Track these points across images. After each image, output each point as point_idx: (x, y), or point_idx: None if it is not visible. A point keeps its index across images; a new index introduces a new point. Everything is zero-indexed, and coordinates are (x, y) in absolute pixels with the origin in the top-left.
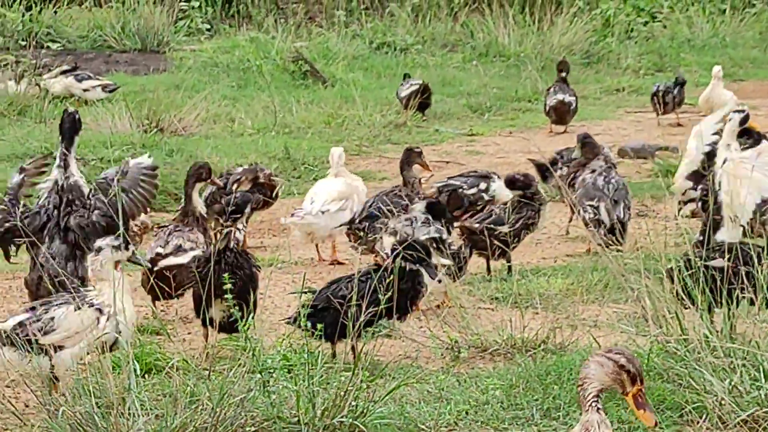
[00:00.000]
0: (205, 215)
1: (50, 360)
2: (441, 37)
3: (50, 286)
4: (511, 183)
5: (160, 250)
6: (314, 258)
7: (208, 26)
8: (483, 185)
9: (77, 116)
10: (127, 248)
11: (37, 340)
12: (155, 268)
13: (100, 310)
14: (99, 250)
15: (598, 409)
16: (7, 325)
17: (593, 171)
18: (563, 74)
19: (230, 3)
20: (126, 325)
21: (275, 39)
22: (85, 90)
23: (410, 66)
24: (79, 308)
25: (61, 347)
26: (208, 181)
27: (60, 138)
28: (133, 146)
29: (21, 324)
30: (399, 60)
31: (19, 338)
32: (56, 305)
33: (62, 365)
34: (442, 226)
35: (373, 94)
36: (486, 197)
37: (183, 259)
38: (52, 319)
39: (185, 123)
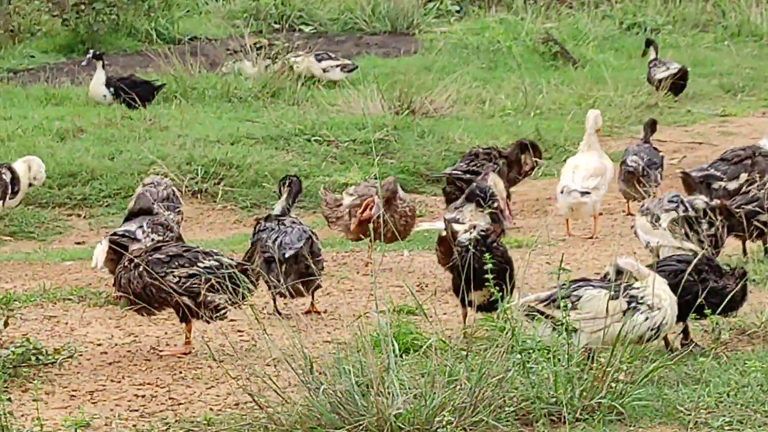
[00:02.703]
0: None
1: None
2: (692, 17)
3: None
4: None
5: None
6: (566, 239)
7: (458, 8)
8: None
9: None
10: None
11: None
12: None
13: (636, 305)
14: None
15: None
16: (531, 298)
17: None
18: None
19: None
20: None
21: (525, 20)
22: (324, 70)
23: (661, 46)
24: (614, 297)
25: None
26: None
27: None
28: (385, 128)
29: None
30: None
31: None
32: (590, 287)
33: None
34: None
35: (623, 74)
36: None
37: None
38: (579, 298)
39: (436, 105)
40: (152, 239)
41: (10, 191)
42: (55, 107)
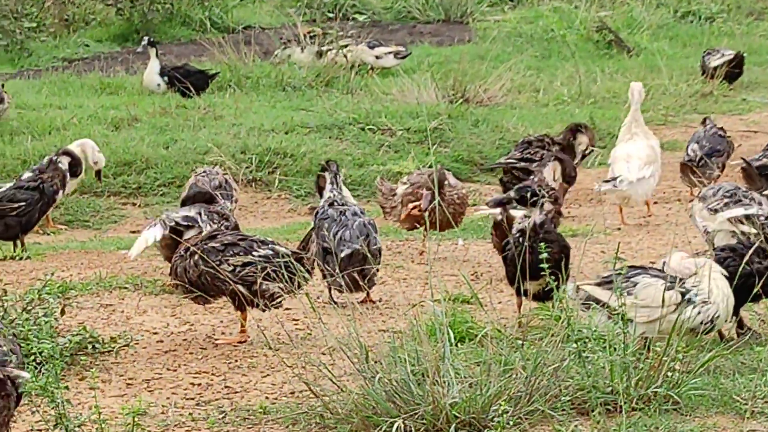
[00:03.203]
0: None
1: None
2: (747, 5)
3: None
4: None
5: None
6: (621, 228)
7: None
8: None
9: None
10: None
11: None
12: None
13: (688, 298)
14: None
15: None
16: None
17: None
18: None
19: None
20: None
21: (579, 8)
22: (377, 57)
23: (716, 35)
24: (669, 287)
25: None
26: None
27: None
28: (438, 116)
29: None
30: (704, 29)
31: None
32: (645, 275)
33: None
34: None
35: (678, 63)
36: None
37: None
38: (635, 285)
39: (490, 93)
40: (208, 226)
41: (68, 179)
42: (110, 96)
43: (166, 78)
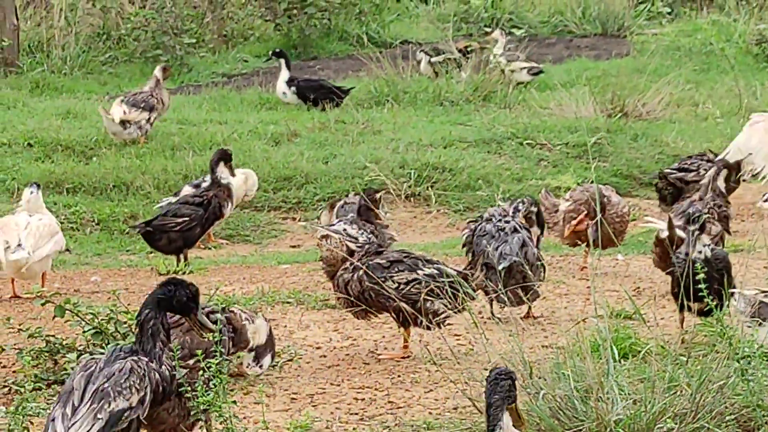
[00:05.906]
0: None
1: None
2: None
3: None
4: None
5: None
6: None
7: (669, 10)
8: None
9: None
10: None
11: None
12: None
13: None
14: None
15: None
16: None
17: None
18: None
19: None
20: None
21: (737, 22)
22: (512, 71)
23: None
24: None
25: None
26: None
27: None
28: (597, 131)
29: None
30: None
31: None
32: None
33: None
34: None
35: None
36: None
37: None
38: None
39: (649, 107)
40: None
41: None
42: (269, 111)
43: (293, 88)
